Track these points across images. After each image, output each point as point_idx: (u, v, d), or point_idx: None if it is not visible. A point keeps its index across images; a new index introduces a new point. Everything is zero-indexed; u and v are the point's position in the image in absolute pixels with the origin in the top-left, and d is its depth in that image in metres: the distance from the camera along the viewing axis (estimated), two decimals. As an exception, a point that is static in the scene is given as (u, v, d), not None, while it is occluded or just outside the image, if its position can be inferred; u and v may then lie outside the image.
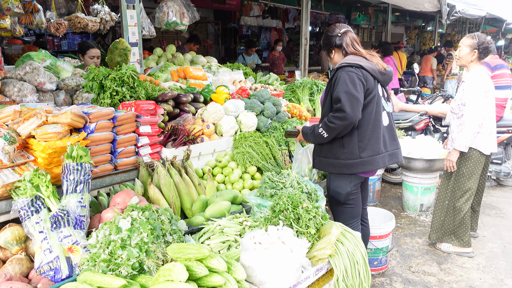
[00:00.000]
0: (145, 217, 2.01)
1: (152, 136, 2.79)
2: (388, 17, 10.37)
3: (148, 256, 1.85)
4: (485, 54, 3.47)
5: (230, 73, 4.44)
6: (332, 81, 2.58)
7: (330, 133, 2.53)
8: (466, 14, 8.00)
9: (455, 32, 15.33)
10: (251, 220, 2.38)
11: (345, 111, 2.41)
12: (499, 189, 5.44)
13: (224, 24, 11.29)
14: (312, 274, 2.11)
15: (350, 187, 2.63)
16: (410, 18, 14.06)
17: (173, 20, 5.33)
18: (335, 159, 2.61)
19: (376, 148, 2.57)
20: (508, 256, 3.71)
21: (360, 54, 2.60)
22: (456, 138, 3.49)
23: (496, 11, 10.23)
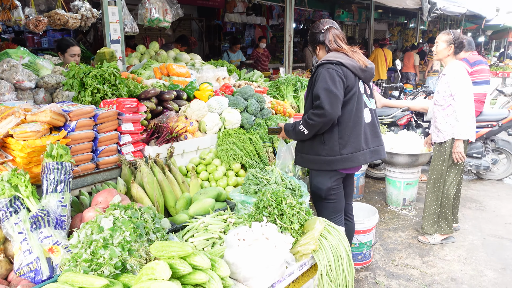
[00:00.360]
0: (127, 216, 1.99)
1: (135, 134, 2.76)
2: (371, 14, 10.47)
3: (131, 255, 1.83)
4: (460, 48, 3.65)
5: (214, 70, 4.42)
6: (313, 78, 2.59)
7: (310, 130, 2.54)
8: (447, 11, 8.13)
9: (436, 29, 15.57)
10: (235, 217, 2.38)
11: (324, 108, 2.42)
12: (479, 183, 5.56)
13: (208, 21, 11.23)
14: (296, 269, 2.12)
15: (330, 183, 2.65)
16: (393, 15, 14.21)
17: (156, 16, 5.28)
18: (316, 155, 2.63)
19: (357, 145, 2.59)
20: (487, 248, 3.80)
21: (342, 51, 2.61)
22: (447, 130, 3.64)
23: (476, 8, 10.43)
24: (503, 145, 5.40)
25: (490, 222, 4.34)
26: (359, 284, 3.24)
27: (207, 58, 7.59)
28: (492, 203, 4.85)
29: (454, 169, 3.74)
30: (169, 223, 2.21)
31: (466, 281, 3.27)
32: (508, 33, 16.44)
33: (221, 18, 10.82)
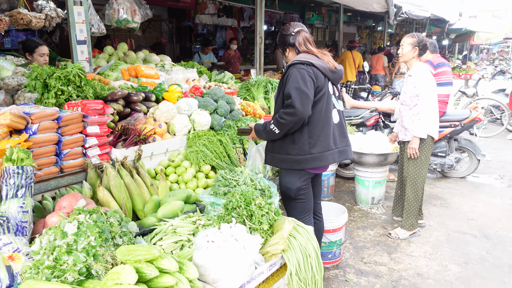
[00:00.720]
0: (92, 220, 1.94)
1: (101, 137, 2.70)
2: (340, 17, 10.67)
3: (96, 260, 1.79)
4: (424, 50, 3.81)
5: (184, 71, 4.39)
6: (284, 78, 2.63)
7: (281, 129, 2.57)
8: (412, 14, 8.39)
9: (403, 32, 16.03)
10: (205, 219, 2.37)
11: (295, 107, 2.45)
12: (444, 181, 5.76)
13: (178, 23, 11.12)
14: (266, 269, 2.13)
15: (300, 183, 2.69)
16: (361, 18, 14.53)
17: (124, 17, 5.19)
18: (286, 154, 2.66)
19: (326, 144, 2.64)
20: (451, 243, 3.94)
21: (312, 53, 2.67)
22: (413, 128, 3.76)
23: (440, 13, 10.82)
24: (465, 144, 5.62)
25: (454, 219, 4.50)
26: (330, 282, 3.29)
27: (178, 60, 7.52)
28: (455, 200, 5.03)
29: (424, 166, 3.88)
30: (137, 227, 2.18)
31: (431, 276, 3.38)
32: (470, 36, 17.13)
33: (192, 20, 10.74)
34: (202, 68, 5.46)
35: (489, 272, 3.42)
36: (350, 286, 3.24)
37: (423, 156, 3.86)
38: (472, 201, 5.00)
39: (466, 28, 14.64)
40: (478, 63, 18.36)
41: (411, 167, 3.92)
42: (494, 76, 11.20)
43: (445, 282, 3.29)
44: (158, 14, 10.35)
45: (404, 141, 3.96)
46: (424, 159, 3.87)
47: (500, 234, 4.12)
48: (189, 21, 11.03)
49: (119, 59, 5.33)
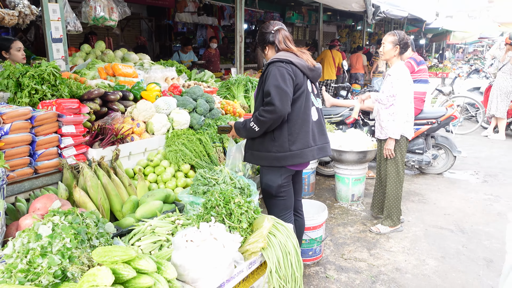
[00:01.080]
0: (68, 222, 1.90)
1: (77, 137, 2.65)
2: (320, 16, 10.75)
3: (72, 262, 1.75)
4: (405, 49, 3.83)
5: (163, 70, 4.34)
6: (263, 76, 2.63)
7: (261, 126, 2.57)
8: (390, 14, 8.52)
9: (382, 32, 16.28)
10: (184, 218, 2.35)
11: (275, 105, 2.46)
12: (421, 177, 5.88)
13: (158, 21, 11.00)
14: (245, 267, 2.13)
15: (281, 180, 2.70)
16: (341, 17, 14.68)
17: (101, 15, 5.10)
18: (266, 152, 2.67)
19: (306, 141, 2.66)
20: (429, 238, 4.02)
21: (291, 51, 2.69)
22: (388, 128, 3.82)
23: (417, 12, 11.01)
24: (442, 141, 5.74)
25: (432, 214, 4.60)
26: (310, 279, 3.32)
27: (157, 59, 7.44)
28: (433, 196, 5.14)
29: (401, 165, 3.95)
30: (114, 228, 2.14)
31: (409, 270, 3.44)
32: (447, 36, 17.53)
33: (172, 18, 10.64)
34: (182, 67, 5.41)
35: (465, 265, 3.51)
36: (331, 282, 3.27)
37: (399, 155, 3.93)
38: (449, 197, 5.12)
39: (442, 27, 14.97)
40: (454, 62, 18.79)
41: (389, 166, 3.99)
42: (469, 74, 11.48)
43: (423, 276, 3.36)
44: (137, 12, 10.22)
45: (381, 139, 4.02)
46: (400, 158, 3.94)
47: (475, 228, 4.23)
48: (169, 20, 10.93)
49: (97, 57, 5.24)
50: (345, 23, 15.94)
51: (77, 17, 4.87)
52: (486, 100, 8.56)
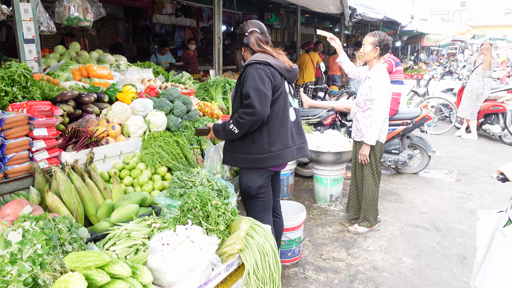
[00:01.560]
0: (39, 227, 1.85)
1: (49, 140, 2.58)
2: (298, 18, 10.82)
3: (43, 269, 1.71)
4: (386, 50, 3.76)
5: (139, 71, 4.28)
6: (241, 77, 2.62)
7: (240, 128, 2.56)
8: (366, 17, 8.66)
9: (359, 34, 16.52)
10: (161, 221, 2.32)
11: (255, 107, 2.46)
12: (397, 177, 5.99)
13: (135, 22, 10.85)
14: (223, 270, 2.12)
15: (260, 181, 2.69)
16: (319, 19, 14.83)
17: (75, 15, 4.99)
18: (246, 154, 2.66)
19: (285, 142, 2.67)
20: (405, 236, 4.09)
21: (267, 52, 2.68)
22: (365, 133, 3.82)
23: (392, 15, 11.24)
24: (417, 141, 5.86)
25: (407, 213, 4.69)
26: (289, 280, 3.33)
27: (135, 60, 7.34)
28: (409, 195, 5.24)
29: (377, 168, 3.99)
30: (88, 232, 2.09)
31: (387, 269, 3.50)
32: (421, 38, 17.95)
33: (149, 19, 10.52)
34: (159, 69, 5.36)
35: (440, 262, 3.59)
36: (310, 282, 3.29)
37: (373, 159, 3.94)
38: (424, 196, 5.23)
39: (417, 30, 15.32)
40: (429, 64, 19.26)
41: (365, 170, 4.01)
42: (443, 76, 11.77)
43: (400, 274, 3.42)
44: (114, 13, 10.06)
45: (356, 141, 4.03)
46: (375, 162, 3.95)
47: (449, 226, 4.33)
48: (146, 21, 10.80)
49: (71, 59, 5.12)
50: (323, 25, 16.09)
51: (50, 17, 4.75)
52: (459, 101, 8.80)
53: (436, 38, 17.49)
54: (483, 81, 8.09)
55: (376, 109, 3.72)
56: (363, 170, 4.04)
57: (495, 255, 2.03)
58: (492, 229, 2.14)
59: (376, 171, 4.01)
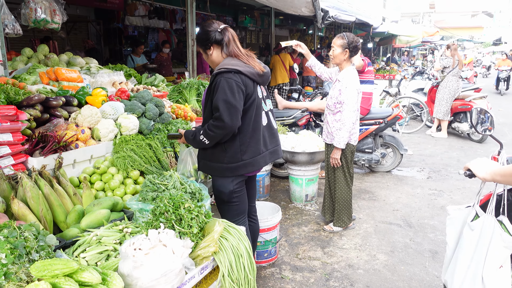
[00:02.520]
0: (3, 236, 1.79)
1: (15, 145, 2.50)
2: (272, 20, 10.89)
3: (8, 279, 1.65)
4: (355, 52, 3.75)
5: (110, 74, 4.20)
6: (211, 86, 2.51)
7: (210, 140, 2.51)
8: (338, 19, 8.80)
9: (332, 35, 16.75)
10: (133, 226, 2.28)
11: (224, 121, 2.39)
12: (371, 175, 6.10)
13: (106, 24, 10.65)
14: (197, 273, 2.10)
15: (232, 186, 2.65)
16: (292, 21, 14.96)
17: (42, 17, 4.84)
18: (218, 163, 2.61)
19: (257, 149, 2.63)
20: (379, 233, 4.17)
21: (239, 57, 2.55)
22: (335, 136, 3.84)
23: (364, 17, 11.47)
24: (389, 140, 5.99)
25: (381, 210, 4.78)
26: (266, 280, 3.33)
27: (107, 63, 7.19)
28: (382, 193, 5.35)
29: (349, 169, 4.02)
30: (56, 240, 2.03)
31: (361, 266, 3.55)
32: (392, 39, 18.37)
33: (122, 21, 10.34)
34: (131, 71, 5.28)
35: (412, 258, 3.67)
36: (286, 282, 3.31)
37: (344, 162, 3.96)
38: (397, 193, 5.34)
39: (388, 31, 15.66)
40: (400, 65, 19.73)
41: (337, 172, 4.02)
42: (414, 76, 12.08)
43: (374, 270, 3.47)
44: (84, 15, 9.85)
45: (329, 144, 4.01)
46: (346, 164, 3.98)
47: (421, 222, 4.44)
48: (119, 23, 10.62)
49: (40, 62, 4.98)
50: (296, 27, 16.26)
51: (16, 19, 4.60)
52: (429, 100, 9.05)
53: (407, 39, 17.93)
54: (457, 82, 8.33)
55: (345, 112, 3.72)
56: (335, 172, 4.06)
57: (463, 249, 2.08)
58: (461, 224, 2.19)
59: (348, 172, 4.03)
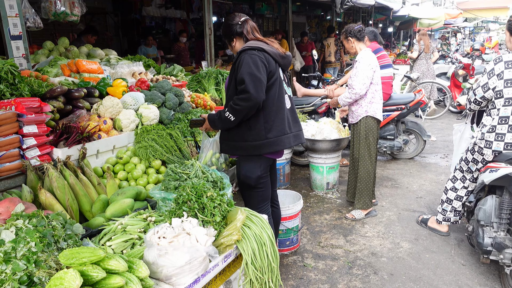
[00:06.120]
0: (32, 225, 1.83)
1: (40, 137, 2.54)
2: (289, 6, 10.71)
3: (38, 266, 1.68)
4: (360, 35, 4.01)
5: (130, 65, 4.23)
6: (235, 64, 2.58)
7: (236, 115, 2.51)
8: (357, 3, 8.60)
9: (350, 21, 16.42)
10: (156, 215, 2.30)
11: (249, 92, 2.42)
12: (393, 163, 6.00)
13: (124, 15, 10.71)
14: (221, 261, 2.10)
15: (260, 171, 2.66)
16: (310, 7, 14.71)
17: (62, 10, 4.89)
18: (243, 141, 2.62)
19: (282, 128, 2.64)
20: (402, 221, 4.11)
21: (261, 40, 2.66)
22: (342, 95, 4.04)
23: (384, 1, 11.17)
24: (412, 126, 5.86)
25: (404, 198, 4.70)
26: (288, 268, 3.33)
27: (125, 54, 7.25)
28: (405, 180, 5.26)
29: (374, 147, 4.07)
30: (83, 228, 2.07)
31: (385, 254, 3.51)
32: (413, 23, 17.87)
33: (139, 12, 10.38)
34: (150, 61, 5.30)
35: (437, 246, 3.60)
36: (309, 270, 3.30)
37: (371, 137, 4.03)
38: (420, 180, 5.24)
39: (409, 15, 15.24)
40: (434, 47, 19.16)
41: (361, 149, 4.08)
42: (436, 60, 11.75)
43: (398, 259, 3.43)
44: (102, 7, 9.92)
45: (353, 124, 4.10)
46: (372, 141, 4.04)
47: (446, 209, 4.34)
48: (136, 14, 10.66)
49: (60, 54, 5.05)
50: (314, 13, 15.99)
51: (36, 12, 4.66)
52: (453, 85, 8.79)
53: (428, 22, 17.41)
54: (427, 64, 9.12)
55: (354, 82, 3.89)
56: (360, 149, 4.10)
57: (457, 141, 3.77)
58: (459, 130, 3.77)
59: (374, 150, 4.10)
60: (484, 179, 2.96)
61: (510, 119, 2.92)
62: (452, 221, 3.60)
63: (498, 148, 2.98)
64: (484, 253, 2.92)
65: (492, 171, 2.91)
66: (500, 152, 2.98)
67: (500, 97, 2.95)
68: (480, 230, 2.98)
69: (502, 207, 2.87)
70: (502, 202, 2.88)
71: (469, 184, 3.39)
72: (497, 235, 2.88)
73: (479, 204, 3.05)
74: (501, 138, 2.95)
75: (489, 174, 2.92)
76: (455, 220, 3.59)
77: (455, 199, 3.49)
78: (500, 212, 2.89)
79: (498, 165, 2.93)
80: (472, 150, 3.21)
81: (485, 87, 3.02)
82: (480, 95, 3.08)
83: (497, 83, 2.94)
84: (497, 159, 3.01)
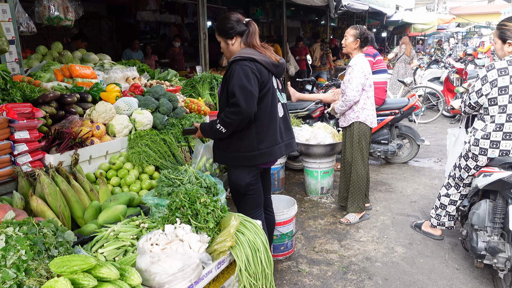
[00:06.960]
0: (23, 233, 1.80)
1: (32, 142, 2.52)
2: (283, 11, 10.76)
3: (29, 275, 1.66)
4: (365, 43, 4.00)
5: (123, 70, 4.21)
6: (227, 74, 2.54)
7: (227, 128, 2.50)
8: (351, 8, 8.66)
9: (345, 26, 16.50)
10: (149, 221, 2.28)
11: (240, 106, 2.39)
12: (387, 167, 6.01)
13: (119, 20, 10.69)
14: (214, 268, 2.09)
15: (249, 178, 2.65)
16: (304, 12, 14.77)
17: (56, 14, 4.87)
18: (235, 152, 2.61)
19: (274, 139, 2.62)
20: (396, 226, 4.11)
21: (255, 48, 2.60)
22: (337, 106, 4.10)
23: (377, 6, 11.27)
24: (405, 131, 5.89)
25: (398, 202, 4.71)
26: (283, 274, 3.32)
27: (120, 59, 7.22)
28: (399, 185, 5.27)
29: (365, 152, 4.10)
30: (74, 236, 2.05)
31: (379, 258, 3.51)
32: (407, 28, 18.03)
33: (134, 17, 10.37)
34: (144, 66, 5.29)
35: (431, 250, 3.61)
36: (303, 276, 3.29)
37: (364, 141, 4.05)
38: (414, 184, 5.26)
39: (402, 20, 15.37)
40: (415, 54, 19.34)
41: (354, 153, 4.10)
42: (429, 65, 11.83)
43: (392, 263, 3.43)
44: (96, 11, 9.90)
45: (345, 127, 4.14)
46: (365, 144, 4.07)
47: (440, 213, 4.35)
48: (131, 18, 10.64)
49: (54, 59, 5.02)
50: (308, 18, 16.06)
51: (30, 17, 4.64)
52: (446, 89, 8.84)
53: (421, 27, 17.58)
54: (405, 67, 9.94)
55: (348, 90, 3.91)
56: (353, 153, 4.12)
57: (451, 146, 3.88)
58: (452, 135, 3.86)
59: (366, 155, 4.13)
60: (478, 184, 2.97)
61: (505, 126, 2.94)
62: (446, 226, 3.60)
63: (493, 156, 3.00)
64: (478, 257, 2.93)
65: (486, 175, 2.93)
66: None
67: (494, 104, 2.97)
68: (474, 234, 2.99)
69: (495, 212, 2.89)
70: (495, 207, 2.90)
71: (462, 189, 3.41)
72: (491, 239, 2.89)
73: (473, 209, 3.06)
74: (496, 145, 2.97)
75: (483, 179, 2.94)
76: (450, 226, 3.59)
77: (449, 204, 3.50)
78: (493, 216, 2.90)
79: (492, 169, 2.95)
80: (466, 156, 3.22)
81: (479, 93, 3.05)
82: (474, 100, 3.11)
83: (491, 91, 2.96)
84: (490, 164, 3.03)
